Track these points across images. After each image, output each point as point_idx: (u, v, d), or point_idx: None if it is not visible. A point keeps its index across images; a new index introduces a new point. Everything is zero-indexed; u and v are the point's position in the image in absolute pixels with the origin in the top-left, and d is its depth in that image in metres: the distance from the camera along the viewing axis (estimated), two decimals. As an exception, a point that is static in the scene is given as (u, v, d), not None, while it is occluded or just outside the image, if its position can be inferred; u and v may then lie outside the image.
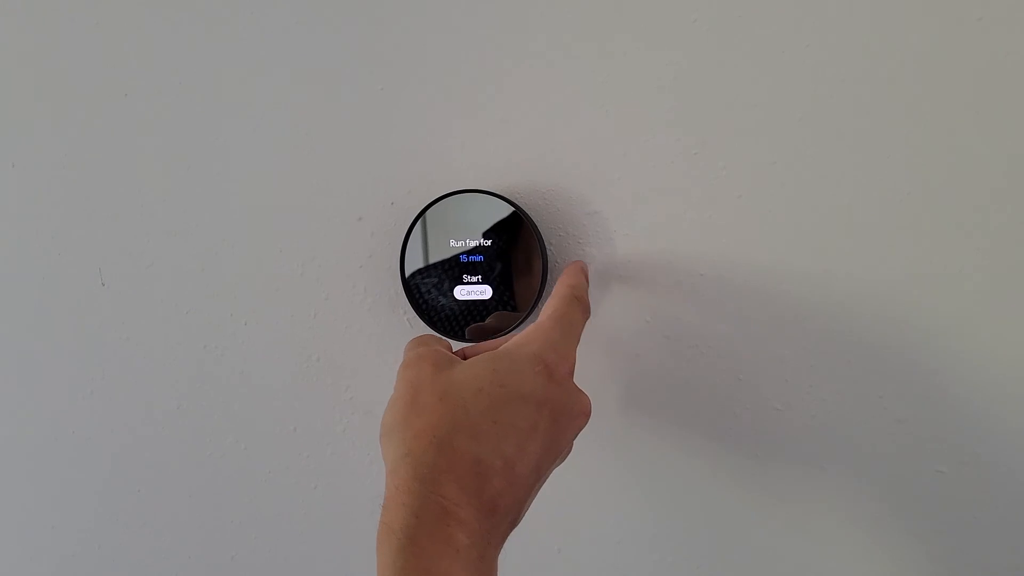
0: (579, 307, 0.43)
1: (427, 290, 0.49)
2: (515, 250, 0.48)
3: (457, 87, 0.49)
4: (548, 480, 0.39)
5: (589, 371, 0.51)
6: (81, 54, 0.52)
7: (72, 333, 0.56)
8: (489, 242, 0.48)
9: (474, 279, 0.48)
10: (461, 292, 0.48)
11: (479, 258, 0.48)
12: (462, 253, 0.48)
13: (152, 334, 0.56)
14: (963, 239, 0.45)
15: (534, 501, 0.38)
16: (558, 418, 0.37)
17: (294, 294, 0.53)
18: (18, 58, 0.53)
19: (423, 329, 0.50)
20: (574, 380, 0.40)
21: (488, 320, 0.48)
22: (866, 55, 0.44)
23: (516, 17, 0.47)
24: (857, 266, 0.47)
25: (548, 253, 0.49)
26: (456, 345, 0.44)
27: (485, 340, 0.47)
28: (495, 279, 0.48)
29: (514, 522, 0.36)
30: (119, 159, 0.53)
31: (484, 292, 0.48)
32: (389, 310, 0.53)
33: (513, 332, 0.47)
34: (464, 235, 0.48)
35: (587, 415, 0.40)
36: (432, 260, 0.48)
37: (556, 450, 0.38)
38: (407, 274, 0.49)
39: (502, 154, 0.49)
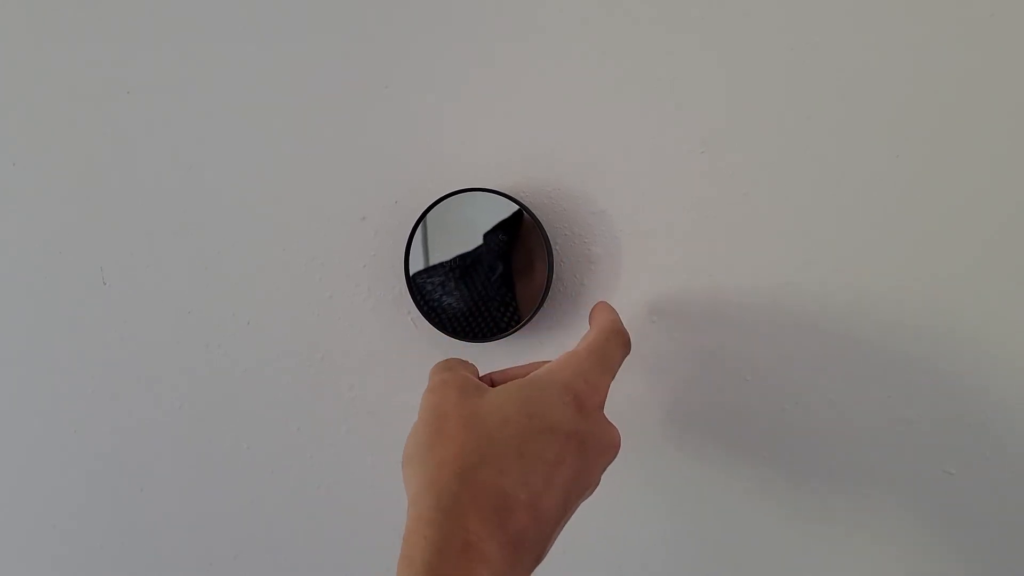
0: (619, 340, 0.41)
1: (431, 289, 0.48)
2: (520, 249, 0.47)
3: (461, 86, 0.49)
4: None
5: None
6: (83, 52, 0.52)
7: (73, 332, 0.56)
8: (494, 241, 0.47)
9: (478, 275, 0.48)
10: (468, 289, 0.48)
11: (484, 255, 0.47)
12: (467, 252, 0.48)
13: (154, 333, 0.55)
14: (972, 240, 0.45)
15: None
16: (586, 451, 0.36)
17: (297, 293, 0.53)
18: (19, 55, 0.53)
19: (427, 329, 0.50)
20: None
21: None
22: (876, 53, 0.44)
23: (520, 16, 0.47)
24: (865, 266, 0.46)
25: (553, 252, 0.49)
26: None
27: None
28: (500, 278, 0.47)
29: (538, 559, 0.35)
30: (121, 157, 0.53)
31: (491, 289, 0.48)
32: (393, 309, 0.52)
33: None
34: (469, 234, 0.48)
35: (616, 448, 0.38)
36: (436, 259, 0.48)
37: (583, 484, 0.36)
38: (411, 273, 0.48)
39: (507, 153, 0.49)
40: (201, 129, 0.52)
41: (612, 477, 0.53)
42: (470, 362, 0.42)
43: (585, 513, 0.53)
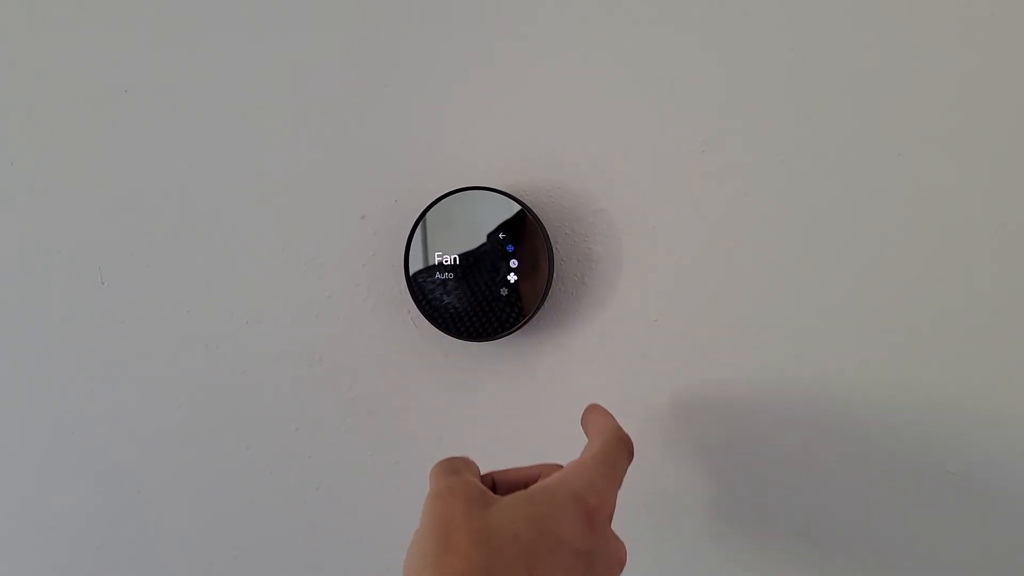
0: (624, 450, 0.40)
1: (431, 288, 0.48)
2: (525, 248, 0.47)
3: (461, 85, 0.48)
4: None
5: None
6: (82, 51, 0.52)
7: (72, 332, 0.56)
8: (498, 240, 0.47)
9: (479, 275, 0.47)
10: (474, 288, 0.48)
11: (486, 255, 0.47)
12: (469, 251, 0.47)
13: (152, 333, 0.55)
14: (978, 237, 0.45)
15: None
16: (594, 569, 0.35)
17: (296, 293, 0.53)
18: (17, 55, 0.52)
19: (426, 328, 0.50)
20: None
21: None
22: (876, 52, 0.44)
23: (520, 16, 0.47)
24: (867, 263, 0.46)
25: (554, 251, 0.48)
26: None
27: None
28: (504, 277, 0.47)
29: None
30: (119, 157, 0.53)
31: (492, 288, 0.47)
32: (392, 309, 0.52)
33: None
34: (470, 232, 0.47)
35: (622, 565, 0.37)
36: (437, 258, 0.48)
37: None
38: (411, 272, 0.48)
39: (507, 152, 0.49)
40: (200, 128, 0.52)
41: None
42: (471, 460, 0.41)
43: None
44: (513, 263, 0.47)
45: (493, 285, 0.47)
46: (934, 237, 0.45)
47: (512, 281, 0.47)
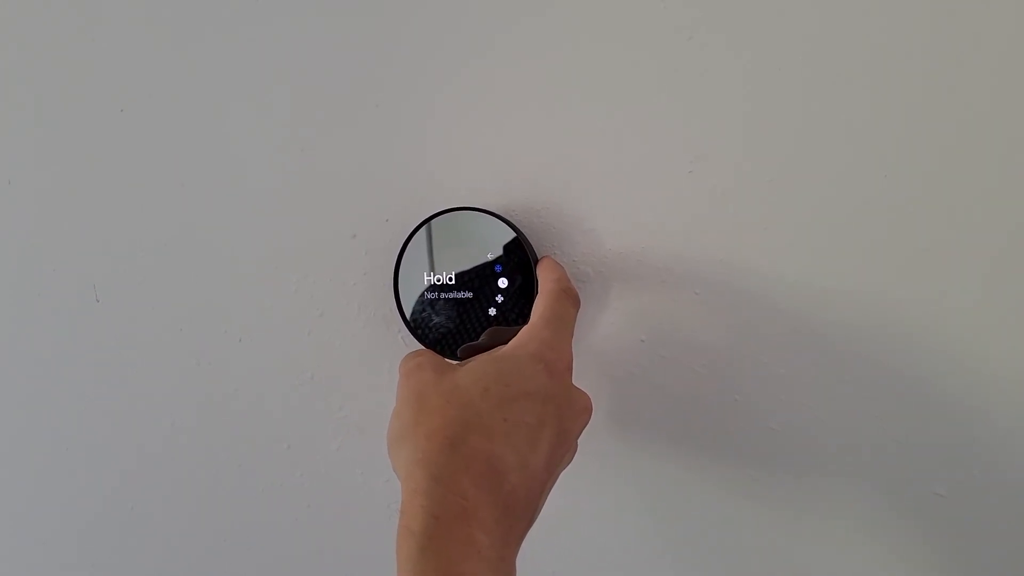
0: (568, 300, 0.43)
1: (420, 308, 0.48)
2: (510, 268, 0.47)
3: (453, 104, 0.49)
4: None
5: (583, 389, 0.50)
6: (77, 68, 0.52)
7: (66, 349, 0.56)
8: (484, 260, 0.47)
9: (468, 295, 0.48)
10: (457, 308, 0.48)
11: (475, 275, 0.47)
12: (457, 271, 0.48)
13: (145, 351, 0.55)
14: (966, 256, 0.45)
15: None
16: (563, 414, 0.38)
17: (288, 311, 0.53)
18: (12, 73, 0.53)
19: (416, 347, 0.50)
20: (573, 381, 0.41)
21: (482, 338, 0.47)
22: (866, 67, 0.44)
23: (513, 34, 0.47)
24: (856, 285, 0.46)
25: (542, 271, 0.49)
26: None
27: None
28: (491, 297, 0.47)
29: (530, 521, 0.36)
30: (114, 175, 0.53)
31: (480, 309, 0.48)
32: (383, 327, 0.52)
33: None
34: (459, 253, 0.48)
35: (589, 411, 0.40)
36: (426, 278, 0.48)
37: (564, 447, 0.38)
38: (401, 292, 0.49)
39: (497, 172, 0.49)
40: (194, 146, 0.52)
41: (606, 495, 0.52)
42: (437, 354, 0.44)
43: (568, 519, 0.53)
44: (502, 283, 0.47)
45: (482, 305, 0.47)
46: (926, 261, 0.45)
47: (500, 301, 0.47)
